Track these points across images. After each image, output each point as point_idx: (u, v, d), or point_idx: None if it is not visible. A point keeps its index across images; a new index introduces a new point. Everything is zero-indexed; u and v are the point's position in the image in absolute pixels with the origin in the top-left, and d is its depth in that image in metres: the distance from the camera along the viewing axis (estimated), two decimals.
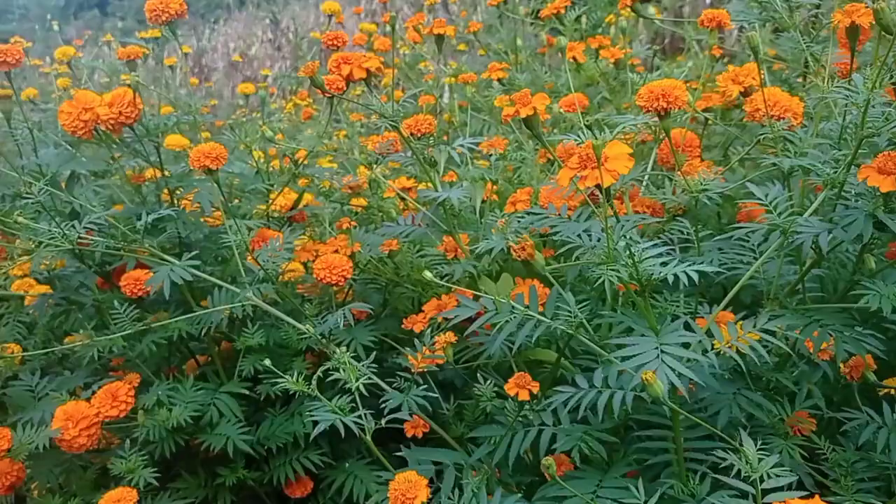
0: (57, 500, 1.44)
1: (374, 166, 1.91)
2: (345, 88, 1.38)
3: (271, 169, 1.73)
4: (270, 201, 1.65)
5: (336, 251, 1.60)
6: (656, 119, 1.11)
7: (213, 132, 2.68)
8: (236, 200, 1.72)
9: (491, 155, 1.82)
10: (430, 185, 1.94)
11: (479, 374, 1.46)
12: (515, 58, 2.72)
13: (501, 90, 2.12)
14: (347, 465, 1.85)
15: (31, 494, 1.66)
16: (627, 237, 0.98)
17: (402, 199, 1.81)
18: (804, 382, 1.23)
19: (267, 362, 1.33)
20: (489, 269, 1.54)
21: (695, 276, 0.92)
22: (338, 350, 1.17)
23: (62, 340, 2.00)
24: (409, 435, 1.55)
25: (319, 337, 1.36)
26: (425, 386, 1.29)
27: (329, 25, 2.41)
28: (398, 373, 1.34)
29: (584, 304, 1.10)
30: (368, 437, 1.10)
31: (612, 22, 2.56)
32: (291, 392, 1.79)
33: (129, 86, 1.44)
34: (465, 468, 1.29)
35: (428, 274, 1.13)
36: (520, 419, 1.25)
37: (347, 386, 1.15)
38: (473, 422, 1.59)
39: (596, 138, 0.98)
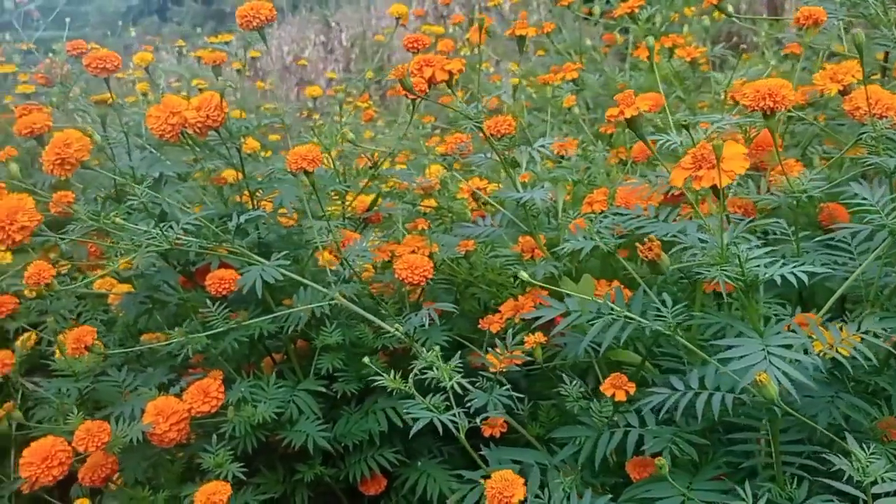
0: (146, 492, 1.49)
1: (445, 168, 1.92)
2: (427, 90, 1.40)
3: (347, 170, 1.76)
4: (349, 202, 1.67)
5: (413, 251, 1.62)
6: (747, 118, 1.10)
7: (282, 134, 2.74)
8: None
9: (562, 156, 1.82)
10: (499, 185, 1.96)
11: (562, 375, 1.47)
12: (580, 58, 2.72)
13: (569, 90, 2.11)
14: (420, 463, 1.87)
15: (108, 488, 1.71)
16: (734, 237, 0.97)
17: (476, 199, 1.82)
18: None
19: (338, 361, 1.35)
20: (566, 269, 1.54)
21: (804, 278, 0.91)
22: (423, 349, 1.18)
23: (137, 338, 2.06)
24: (486, 435, 1.56)
25: (404, 336, 1.37)
26: (508, 386, 1.29)
27: (396, 28, 2.44)
28: (481, 373, 1.35)
29: (682, 305, 1.09)
30: (462, 436, 1.11)
31: (673, 20, 2.53)
32: (366, 390, 1.85)
33: (216, 90, 1.48)
34: (548, 468, 1.29)
35: (524, 274, 1.13)
36: (604, 420, 1.25)
37: (438, 385, 1.16)
38: (548, 422, 1.59)
39: (691, 138, 0.97)
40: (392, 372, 1.36)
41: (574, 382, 1.27)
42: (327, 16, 12.39)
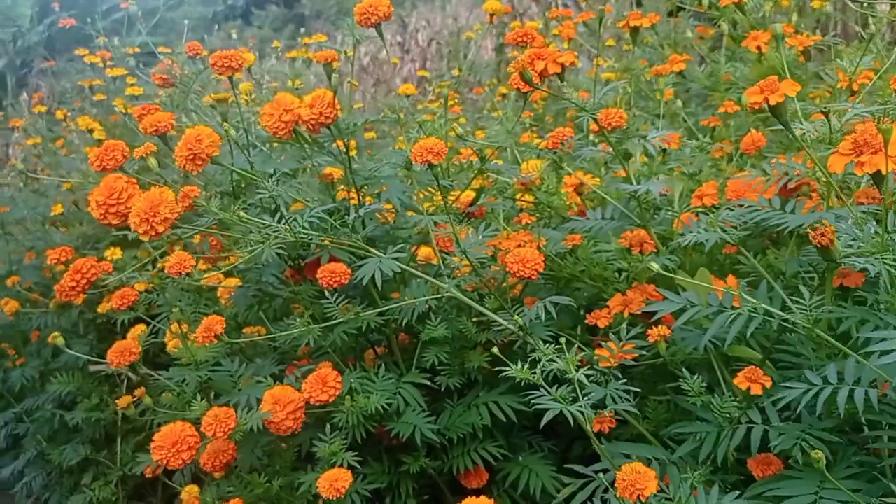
0: (262, 479, 1.53)
1: (554, 161, 1.91)
2: (538, 84, 1.40)
3: (450, 164, 1.77)
4: (455, 197, 1.68)
5: (519, 246, 1.62)
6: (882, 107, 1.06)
7: (377, 131, 2.78)
8: (421, 194, 1.77)
9: (664, 149, 1.79)
10: (600, 180, 1.94)
11: (673, 371, 1.45)
12: (674, 51, 2.67)
13: (668, 84, 2.07)
14: (521, 458, 1.87)
15: (213, 475, 1.77)
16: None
17: (580, 193, 1.81)
18: None
19: (443, 353, 1.35)
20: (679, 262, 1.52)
21: None
22: (541, 342, 1.18)
23: (239, 331, 2.12)
24: (595, 430, 1.55)
25: (518, 330, 1.37)
26: (624, 380, 1.28)
27: (490, 25, 2.44)
28: (594, 367, 1.34)
29: (819, 298, 1.06)
30: (589, 428, 1.10)
31: (786, 6, 2.45)
32: (468, 384, 1.86)
33: (329, 88, 1.51)
34: (666, 464, 1.27)
35: (655, 265, 1.12)
36: (725, 416, 1.22)
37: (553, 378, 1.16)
38: (656, 419, 1.57)
39: (829, 126, 0.94)
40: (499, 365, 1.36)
41: (695, 377, 1.25)
42: (402, 16, 12.52)
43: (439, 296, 1.44)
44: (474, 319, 1.82)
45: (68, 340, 3.08)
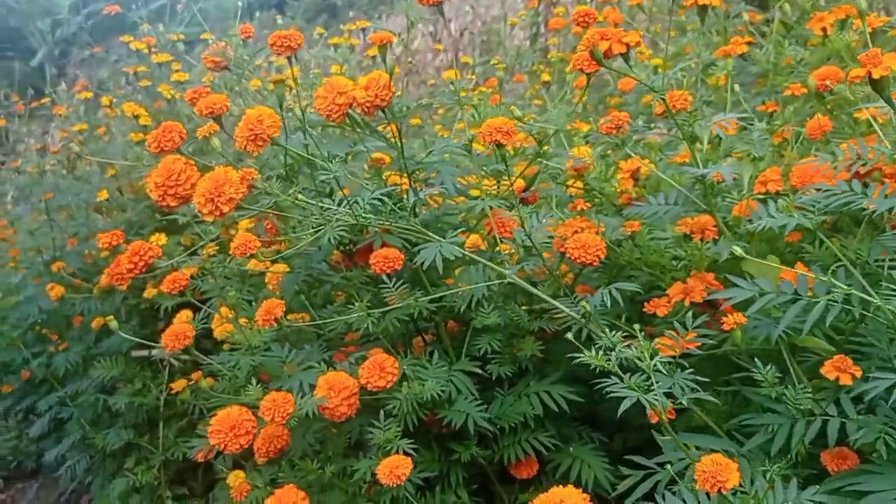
0: (315, 465, 1.52)
1: (594, 147, 1.88)
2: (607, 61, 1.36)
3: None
4: (510, 182, 1.65)
5: (576, 232, 1.59)
6: None
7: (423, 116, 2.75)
8: (472, 179, 1.74)
9: (717, 135, 1.74)
10: (654, 166, 1.89)
11: (737, 361, 1.40)
12: (724, 36, 2.60)
13: (730, 67, 2.02)
14: (572, 448, 1.84)
15: (255, 461, 1.76)
16: None
17: (636, 179, 1.76)
18: None
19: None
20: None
21: None
22: (607, 331, 1.15)
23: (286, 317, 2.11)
24: (654, 421, 1.51)
25: (581, 318, 1.34)
26: (691, 370, 1.24)
27: (533, 11, 2.40)
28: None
29: None
30: (664, 418, 1.07)
31: None
32: (519, 373, 1.83)
33: (384, 71, 1.49)
34: (734, 457, 1.23)
35: (738, 249, 1.08)
36: (799, 408, 1.18)
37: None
38: (716, 410, 1.53)
39: None
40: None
41: (768, 367, 1.20)
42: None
43: (500, 281, 1.41)
44: (524, 307, 1.79)
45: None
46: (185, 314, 2.19)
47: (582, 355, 1.09)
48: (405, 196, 1.43)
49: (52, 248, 3.31)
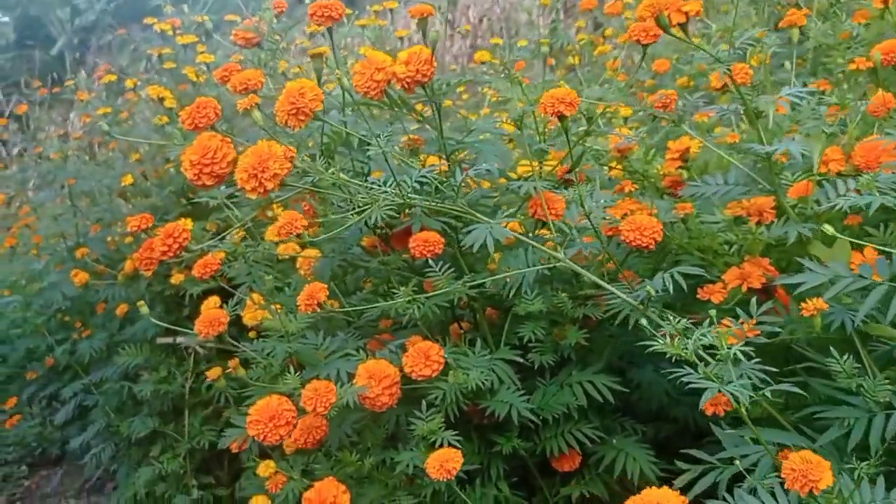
0: (354, 456, 1.46)
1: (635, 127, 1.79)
2: (659, 35, 1.28)
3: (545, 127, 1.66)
4: (556, 162, 1.58)
5: (625, 214, 1.51)
6: None
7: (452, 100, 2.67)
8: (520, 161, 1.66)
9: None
10: (699, 142, 1.81)
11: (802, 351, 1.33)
12: (760, 14, 2.51)
13: (777, 43, 1.93)
14: (615, 441, 1.77)
15: (283, 451, 1.70)
16: None
17: (685, 161, 1.68)
18: None
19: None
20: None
21: None
22: (670, 317, 1.08)
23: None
24: (709, 413, 1.44)
25: (636, 304, 1.27)
26: (758, 359, 1.17)
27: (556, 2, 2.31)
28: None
29: None
30: (743, 410, 1.00)
31: None
32: (561, 362, 1.76)
33: (425, 44, 1.41)
34: None
35: (829, 228, 1.01)
36: (876, 401, 1.10)
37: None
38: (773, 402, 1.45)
39: None
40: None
41: (846, 358, 1.12)
42: None
43: (551, 265, 1.33)
44: (563, 294, 1.72)
45: (135, 314, 3.08)
46: (214, 300, 2.14)
47: (655, 343, 1.01)
48: (446, 177, 1.36)
49: (76, 235, 3.27)
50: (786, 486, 0.90)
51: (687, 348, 0.98)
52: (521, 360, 1.66)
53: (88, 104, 3.68)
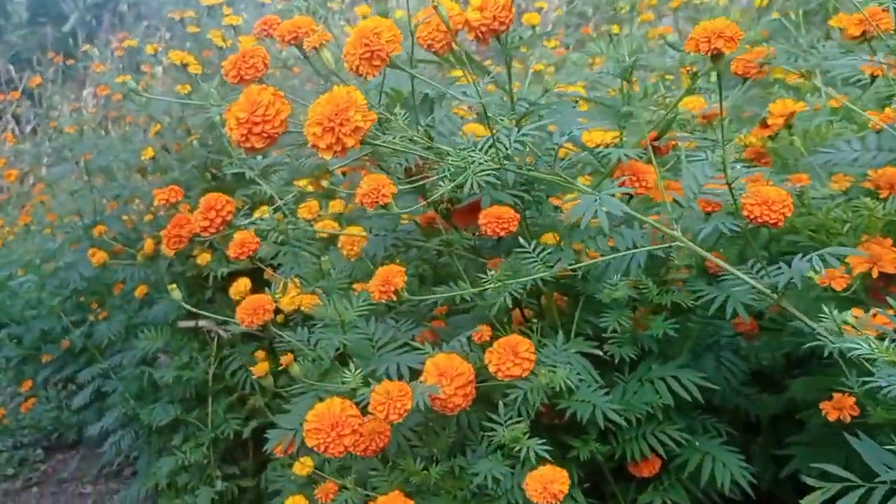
0: (419, 465, 1.27)
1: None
2: None
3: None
4: (722, 111, 1.36)
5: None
6: None
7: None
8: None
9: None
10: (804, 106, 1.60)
11: None
12: None
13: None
14: (698, 443, 1.58)
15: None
16: None
17: (789, 126, 1.48)
18: None
19: None
20: None
21: None
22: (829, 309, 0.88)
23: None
24: (832, 419, 1.26)
25: (770, 292, 1.07)
26: None
27: None
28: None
29: None
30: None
31: None
32: (640, 355, 1.57)
33: None
34: None
35: None
36: None
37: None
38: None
39: None
40: None
41: None
42: None
43: (668, 245, 1.13)
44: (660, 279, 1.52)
45: (155, 295, 2.91)
46: (244, 282, 1.96)
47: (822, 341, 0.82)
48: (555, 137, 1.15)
49: (93, 212, 3.10)
50: None
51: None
52: (600, 354, 1.47)
53: (105, 74, 3.50)
